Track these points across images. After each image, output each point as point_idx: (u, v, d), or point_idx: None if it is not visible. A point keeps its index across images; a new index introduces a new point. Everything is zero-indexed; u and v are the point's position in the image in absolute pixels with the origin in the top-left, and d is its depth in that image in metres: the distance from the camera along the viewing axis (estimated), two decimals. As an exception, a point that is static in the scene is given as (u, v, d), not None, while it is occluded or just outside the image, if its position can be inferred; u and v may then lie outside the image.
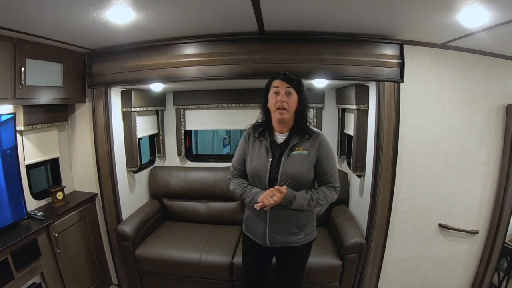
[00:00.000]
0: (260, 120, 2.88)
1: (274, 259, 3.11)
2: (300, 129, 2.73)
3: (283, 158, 2.67)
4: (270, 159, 2.70)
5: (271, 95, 2.68)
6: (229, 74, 3.32)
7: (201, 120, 5.15)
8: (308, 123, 2.79)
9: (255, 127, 2.88)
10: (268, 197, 2.53)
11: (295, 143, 2.69)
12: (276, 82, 2.65)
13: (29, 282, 3.10)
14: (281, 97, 2.61)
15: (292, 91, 2.64)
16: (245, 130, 2.95)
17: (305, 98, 2.73)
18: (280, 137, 2.77)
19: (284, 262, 3.00)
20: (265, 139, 2.76)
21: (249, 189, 2.73)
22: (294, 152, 2.68)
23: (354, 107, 3.80)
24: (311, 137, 2.72)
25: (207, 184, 4.75)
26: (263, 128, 2.82)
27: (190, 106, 5.01)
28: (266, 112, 2.81)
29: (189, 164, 5.20)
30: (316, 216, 4.41)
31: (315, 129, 2.81)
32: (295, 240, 2.80)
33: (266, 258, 3.04)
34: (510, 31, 2.67)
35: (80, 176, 4.22)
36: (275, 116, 2.69)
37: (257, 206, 2.58)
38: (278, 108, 2.62)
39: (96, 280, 4.15)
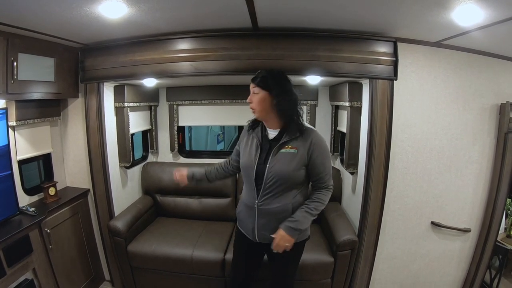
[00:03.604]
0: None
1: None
2: (291, 126, 2.65)
3: (270, 155, 2.65)
4: (259, 155, 2.71)
5: None
6: (223, 70, 3.31)
7: (194, 116, 5.14)
8: (299, 121, 2.68)
9: (251, 121, 2.90)
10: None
11: (285, 140, 2.63)
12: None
13: (21, 278, 3.09)
14: (248, 98, 2.66)
15: (257, 89, 2.62)
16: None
17: (280, 93, 2.61)
18: (271, 133, 2.74)
19: (274, 259, 2.97)
20: (257, 134, 2.78)
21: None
22: (283, 150, 2.63)
23: (347, 104, 3.80)
24: (303, 135, 2.62)
25: (200, 180, 4.72)
26: (256, 123, 2.84)
27: (183, 102, 4.99)
28: None
29: (182, 160, 5.19)
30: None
31: (309, 127, 2.71)
32: None
33: (257, 253, 3.02)
34: (504, 30, 2.68)
35: (72, 172, 4.21)
36: None
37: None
38: (250, 108, 2.69)
39: (88, 276, 4.15)
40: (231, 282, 3.34)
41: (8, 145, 3.18)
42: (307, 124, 2.74)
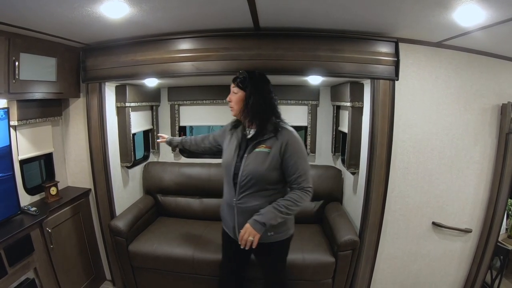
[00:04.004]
0: None
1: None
2: (265, 126, 2.72)
3: (246, 154, 2.73)
4: (237, 153, 2.77)
5: None
6: (224, 70, 3.31)
7: (195, 116, 5.13)
8: (276, 121, 2.77)
9: (235, 120, 2.97)
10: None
11: (259, 140, 2.72)
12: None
13: (22, 278, 3.09)
14: (228, 97, 2.76)
15: (236, 89, 2.76)
16: None
17: (256, 94, 2.71)
18: (250, 132, 2.81)
19: (260, 259, 3.06)
20: (238, 132, 2.85)
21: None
22: (257, 149, 2.70)
23: (348, 104, 3.80)
24: (278, 135, 2.68)
25: (201, 180, 4.75)
26: (239, 122, 2.90)
27: (184, 102, 5.00)
28: None
29: (183, 159, 5.18)
30: (310, 213, 4.43)
31: (286, 127, 2.77)
32: (264, 237, 2.69)
33: (242, 252, 2.87)
34: (506, 30, 2.68)
35: (73, 171, 4.21)
36: None
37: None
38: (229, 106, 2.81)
39: (89, 275, 4.15)
40: (221, 284, 3.38)
41: (10, 145, 3.19)
42: (286, 125, 2.79)
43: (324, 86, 4.69)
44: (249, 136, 2.79)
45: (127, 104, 4.09)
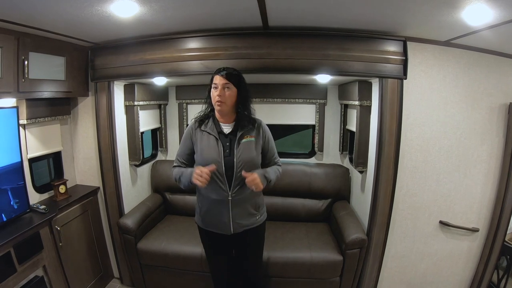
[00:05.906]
0: (202, 113, 3.00)
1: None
2: (244, 119, 2.88)
3: (235, 147, 2.82)
4: (222, 149, 2.81)
5: (211, 90, 2.80)
6: (233, 69, 3.32)
7: (203, 114, 5.12)
8: (250, 113, 2.94)
9: (199, 120, 2.99)
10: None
11: (242, 132, 2.86)
12: (216, 78, 2.76)
13: (31, 275, 3.11)
14: (218, 92, 2.72)
15: (230, 85, 2.75)
16: (188, 124, 3.03)
17: (245, 91, 2.84)
18: (226, 128, 2.90)
19: (246, 246, 3.15)
20: (212, 130, 2.86)
21: (185, 169, 2.93)
22: (243, 140, 2.85)
23: (356, 103, 3.80)
24: (255, 126, 2.93)
25: (209, 178, 4.73)
26: (207, 121, 2.93)
27: (192, 101, 5.00)
28: (210, 105, 2.91)
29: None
30: (317, 212, 4.44)
31: (256, 118, 2.99)
32: (254, 221, 3.02)
33: (229, 248, 3.22)
34: (514, 30, 2.68)
35: (82, 170, 4.23)
36: (215, 108, 2.82)
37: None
38: (216, 101, 2.75)
39: (97, 273, 4.17)
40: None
41: (19, 143, 3.22)
42: (255, 116, 3.01)
43: (332, 84, 4.69)
44: (227, 131, 2.88)
45: (136, 103, 4.11)
